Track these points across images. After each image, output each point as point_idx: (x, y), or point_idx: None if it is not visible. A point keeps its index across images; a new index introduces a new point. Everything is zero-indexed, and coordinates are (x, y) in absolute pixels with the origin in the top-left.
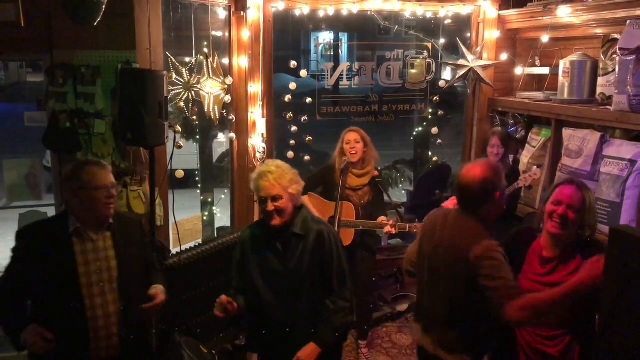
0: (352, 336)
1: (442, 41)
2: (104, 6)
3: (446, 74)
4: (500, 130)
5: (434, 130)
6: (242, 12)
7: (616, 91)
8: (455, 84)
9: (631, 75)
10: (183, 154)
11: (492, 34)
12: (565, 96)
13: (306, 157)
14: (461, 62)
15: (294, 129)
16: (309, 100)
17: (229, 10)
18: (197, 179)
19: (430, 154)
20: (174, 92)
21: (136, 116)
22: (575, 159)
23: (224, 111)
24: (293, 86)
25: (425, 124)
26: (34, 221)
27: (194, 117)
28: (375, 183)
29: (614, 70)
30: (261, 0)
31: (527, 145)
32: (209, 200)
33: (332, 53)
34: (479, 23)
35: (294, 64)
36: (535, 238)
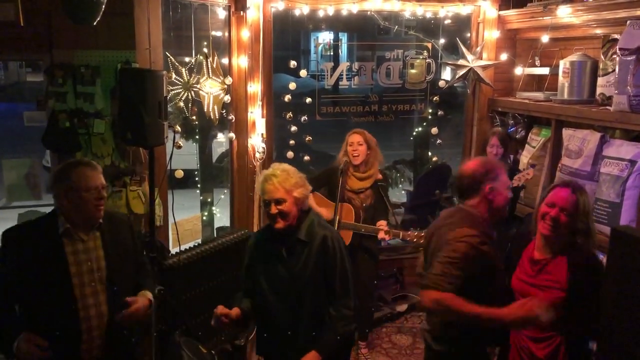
0: None
1: (441, 41)
2: (103, 6)
3: (446, 74)
4: (499, 130)
5: (434, 131)
6: (241, 12)
7: (616, 91)
8: (455, 84)
9: (631, 76)
10: (182, 154)
11: (492, 34)
12: (565, 96)
13: (306, 157)
14: (461, 62)
15: (293, 129)
16: (308, 100)
17: (229, 10)
18: (196, 179)
19: (430, 154)
20: (173, 92)
21: (136, 116)
22: (575, 159)
23: (224, 111)
24: (293, 86)
25: (425, 124)
26: (19, 222)
27: (194, 117)
28: (377, 187)
29: (614, 70)
30: (261, 0)
31: (527, 145)
32: (209, 200)
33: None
34: (478, 23)
35: (293, 64)
36: (530, 241)
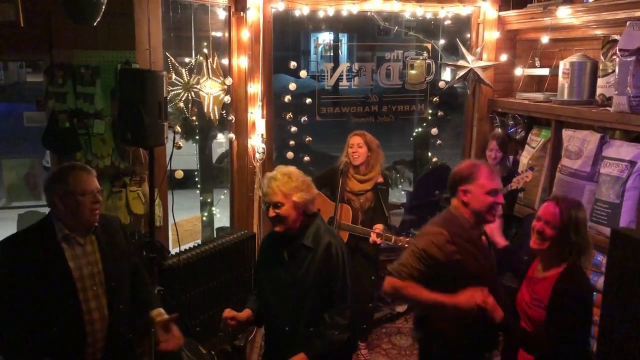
0: None
1: (441, 42)
2: (103, 6)
3: (446, 74)
4: (499, 133)
5: (434, 131)
6: (241, 13)
7: (616, 92)
8: (455, 85)
9: (631, 77)
10: (182, 155)
11: (491, 35)
12: (565, 97)
13: (306, 158)
14: (461, 62)
15: (293, 129)
16: (308, 101)
17: (229, 10)
18: (196, 179)
19: (429, 154)
20: (173, 92)
21: (136, 116)
22: (575, 160)
23: (224, 111)
24: (293, 87)
25: (424, 124)
26: (14, 232)
27: (194, 118)
28: (377, 190)
29: (613, 71)
30: (261, 0)
31: (526, 146)
32: (209, 200)
33: (332, 54)
34: (478, 24)
35: (293, 64)
36: (536, 258)
